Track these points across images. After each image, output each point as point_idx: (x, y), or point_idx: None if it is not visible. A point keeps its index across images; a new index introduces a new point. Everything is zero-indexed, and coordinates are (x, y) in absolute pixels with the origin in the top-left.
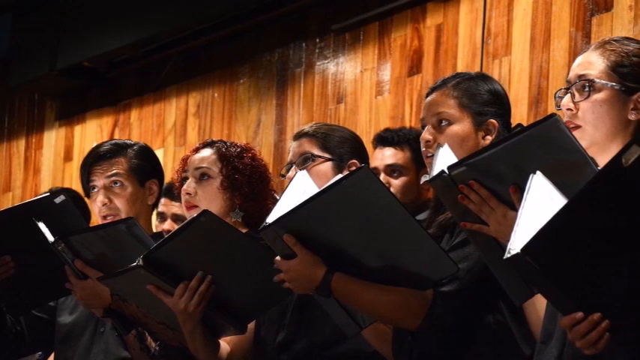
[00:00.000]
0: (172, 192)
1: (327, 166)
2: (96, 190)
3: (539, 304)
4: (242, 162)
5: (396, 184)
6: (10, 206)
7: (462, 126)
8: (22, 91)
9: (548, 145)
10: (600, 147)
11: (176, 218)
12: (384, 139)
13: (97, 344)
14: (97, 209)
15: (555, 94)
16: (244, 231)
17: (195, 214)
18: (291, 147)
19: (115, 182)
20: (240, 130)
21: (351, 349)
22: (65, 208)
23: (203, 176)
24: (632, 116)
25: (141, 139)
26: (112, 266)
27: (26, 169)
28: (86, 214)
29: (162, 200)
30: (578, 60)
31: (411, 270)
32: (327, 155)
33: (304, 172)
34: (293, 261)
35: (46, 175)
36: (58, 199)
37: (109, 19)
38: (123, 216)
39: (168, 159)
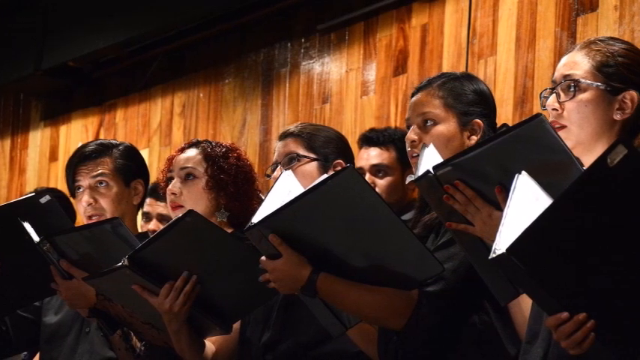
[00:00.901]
0: (158, 192)
1: (312, 166)
2: (81, 190)
3: (524, 304)
4: (227, 162)
5: (381, 184)
6: None
7: (447, 126)
8: (7, 90)
9: (534, 145)
10: (586, 147)
11: (161, 218)
12: (369, 139)
13: (83, 344)
14: (83, 209)
15: (541, 94)
16: (230, 231)
17: (180, 214)
18: (277, 147)
19: (101, 182)
20: (225, 130)
21: (337, 349)
22: (50, 208)
23: (188, 176)
24: (617, 116)
25: (126, 139)
26: (97, 266)
27: (11, 169)
28: (71, 214)
29: (148, 200)
30: (564, 60)
31: (396, 270)
32: (312, 155)
33: (289, 172)
34: (278, 261)
35: (31, 175)
36: (44, 199)
37: (95, 19)
38: (108, 216)
39: (153, 159)
